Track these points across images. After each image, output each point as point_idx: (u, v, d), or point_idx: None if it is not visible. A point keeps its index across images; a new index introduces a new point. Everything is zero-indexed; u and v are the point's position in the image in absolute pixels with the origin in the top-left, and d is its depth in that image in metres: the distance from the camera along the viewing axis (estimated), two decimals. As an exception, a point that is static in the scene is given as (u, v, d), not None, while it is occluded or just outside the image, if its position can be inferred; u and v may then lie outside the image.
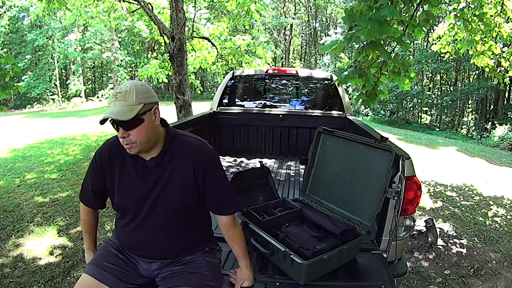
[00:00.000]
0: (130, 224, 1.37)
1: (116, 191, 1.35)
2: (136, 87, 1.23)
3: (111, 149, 1.36)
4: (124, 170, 1.33)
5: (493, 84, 9.98)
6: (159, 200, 1.31)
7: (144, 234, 1.35)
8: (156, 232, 1.34)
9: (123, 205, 1.36)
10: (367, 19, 2.04)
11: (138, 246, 1.38)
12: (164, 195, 1.31)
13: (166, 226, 1.34)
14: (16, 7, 17.91)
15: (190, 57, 7.02)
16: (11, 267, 2.77)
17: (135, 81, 1.28)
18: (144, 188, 1.31)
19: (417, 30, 2.49)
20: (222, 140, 4.14)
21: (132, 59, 21.88)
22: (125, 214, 1.37)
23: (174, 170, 1.31)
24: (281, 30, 28.87)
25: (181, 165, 1.32)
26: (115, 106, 1.20)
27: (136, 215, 1.34)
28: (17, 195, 4.49)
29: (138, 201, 1.32)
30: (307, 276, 1.52)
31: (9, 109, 20.65)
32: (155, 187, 1.31)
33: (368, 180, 1.85)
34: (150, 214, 1.33)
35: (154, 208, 1.32)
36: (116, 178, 1.34)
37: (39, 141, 8.40)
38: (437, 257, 3.09)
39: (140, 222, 1.34)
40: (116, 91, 1.23)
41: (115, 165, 1.34)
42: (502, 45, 4.74)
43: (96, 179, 1.39)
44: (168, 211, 1.33)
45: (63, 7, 6.85)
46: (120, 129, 1.21)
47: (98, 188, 1.40)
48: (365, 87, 2.51)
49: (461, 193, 5.11)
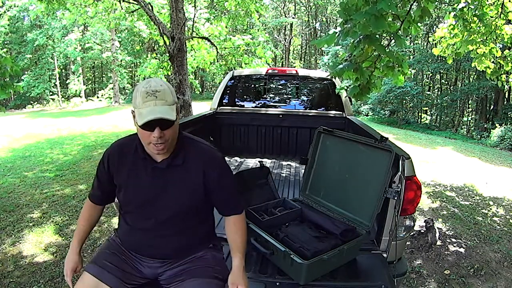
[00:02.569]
0: (136, 224, 1.37)
1: (124, 190, 1.35)
2: (169, 86, 1.24)
3: (121, 150, 1.36)
4: (134, 171, 1.33)
5: (493, 84, 9.96)
6: (167, 201, 1.32)
7: (151, 233, 1.35)
8: (163, 232, 1.35)
9: (131, 205, 1.37)
10: (364, 13, 2.04)
11: (145, 245, 1.38)
12: (172, 197, 1.32)
13: (173, 226, 1.35)
14: (16, 7, 17.90)
15: (190, 57, 7.02)
16: (11, 267, 2.77)
17: (159, 79, 1.25)
18: (153, 189, 1.32)
19: (413, 26, 2.49)
20: (222, 140, 4.14)
21: (132, 59, 21.87)
22: (132, 214, 1.38)
23: (184, 172, 1.32)
24: (281, 30, 28.87)
25: (191, 169, 1.33)
26: (156, 105, 1.17)
27: (143, 215, 1.35)
28: (17, 195, 4.49)
29: (146, 201, 1.33)
30: (307, 276, 1.52)
31: (9, 109, 20.67)
32: (164, 188, 1.32)
33: (368, 180, 1.85)
34: (157, 214, 1.33)
35: (161, 209, 1.33)
36: (125, 178, 1.34)
37: (39, 141, 8.41)
38: (437, 257, 3.09)
39: (147, 222, 1.34)
40: (151, 89, 1.19)
41: (125, 166, 1.34)
42: (502, 46, 4.73)
43: (105, 179, 1.39)
44: (176, 211, 1.34)
45: (62, 7, 6.85)
46: (157, 129, 1.18)
47: (107, 188, 1.41)
48: (359, 81, 2.52)
49: (461, 193, 5.11)
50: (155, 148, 1.23)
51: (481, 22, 3.79)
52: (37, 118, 14.12)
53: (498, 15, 3.92)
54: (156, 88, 1.19)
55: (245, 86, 4.40)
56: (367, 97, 2.66)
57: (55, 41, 21.37)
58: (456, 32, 4.24)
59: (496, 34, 4.09)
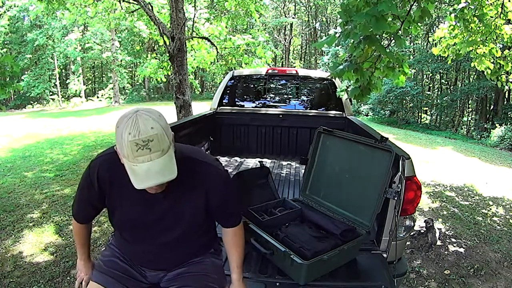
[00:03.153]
0: (134, 242, 1.31)
1: (118, 213, 1.24)
2: (160, 123, 0.99)
3: (110, 167, 1.17)
4: (127, 191, 1.13)
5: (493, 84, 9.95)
6: (168, 224, 1.24)
7: (151, 250, 1.30)
8: (164, 248, 1.29)
9: (126, 227, 1.29)
10: (364, 14, 2.05)
11: (145, 260, 1.34)
12: (173, 219, 1.24)
13: (175, 245, 1.30)
14: (16, 7, 17.90)
15: (190, 57, 7.02)
16: (11, 267, 2.77)
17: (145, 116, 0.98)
18: (151, 211, 1.22)
19: (413, 27, 2.49)
20: (222, 140, 4.14)
21: (132, 59, 21.88)
22: (128, 233, 1.31)
23: (185, 192, 1.21)
24: (281, 30, 28.87)
25: (192, 188, 1.22)
26: (151, 160, 0.95)
27: (141, 235, 1.27)
28: (17, 195, 4.49)
29: (144, 225, 1.24)
30: (307, 276, 1.52)
31: (9, 109, 20.67)
32: (163, 211, 1.22)
33: (368, 180, 1.85)
34: (157, 237, 1.26)
35: (162, 232, 1.26)
36: (118, 199, 1.21)
37: (39, 141, 8.40)
38: (437, 257, 3.10)
39: (145, 241, 1.28)
40: (141, 139, 0.94)
41: (116, 185, 1.19)
42: (502, 46, 4.73)
43: (95, 199, 1.24)
44: (177, 233, 1.26)
45: (62, 7, 6.85)
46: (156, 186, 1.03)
47: (93, 204, 1.27)
48: (359, 81, 2.52)
49: (460, 193, 5.11)
50: (149, 190, 1.09)
51: (481, 22, 3.79)
52: (37, 118, 14.12)
53: (498, 15, 3.92)
54: (148, 137, 0.94)
55: (245, 86, 4.41)
56: (367, 98, 2.66)
57: (55, 41, 21.36)
58: (456, 32, 4.24)
59: (496, 34, 4.09)
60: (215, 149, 4.08)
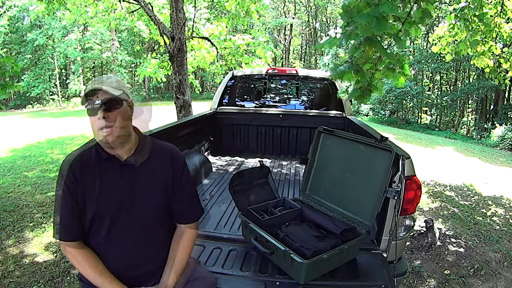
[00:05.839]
0: (110, 239, 1.24)
1: (96, 200, 1.22)
2: (115, 77, 1.26)
3: (80, 161, 1.24)
4: (101, 174, 1.23)
5: (493, 84, 9.96)
6: (142, 202, 1.26)
7: (128, 245, 1.25)
8: (139, 239, 1.26)
9: (102, 213, 1.22)
10: (365, 15, 2.05)
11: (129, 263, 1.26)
12: (146, 196, 1.26)
13: (146, 231, 1.27)
14: (16, 7, 17.91)
15: (190, 57, 7.02)
16: (11, 267, 2.77)
17: None
18: (125, 190, 1.24)
19: (413, 28, 2.49)
20: (222, 140, 4.14)
21: (132, 59, 21.88)
22: (105, 228, 1.23)
23: (152, 168, 1.29)
24: (281, 30, 28.87)
25: (159, 164, 1.31)
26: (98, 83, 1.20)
27: (119, 225, 1.24)
28: (17, 195, 4.49)
29: (121, 206, 1.23)
30: (307, 276, 1.52)
31: (9, 109, 20.67)
32: (136, 187, 1.25)
33: (368, 179, 1.85)
34: (134, 221, 1.25)
35: (137, 214, 1.25)
36: (95, 186, 1.22)
37: (39, 141, 8.41)
38: (437, 257, 3.09)
39: (121, 232, 1.24)
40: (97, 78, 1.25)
41: (90, 175, 1.22)
42: (502, 45, 4.74)
43: (75, 201, 1.22)
44: (152, 215, 1.28)
45: (62, 7, 6.85)
46: (100, 111, 1.16)
47: (80, 212, 1.22)
48: (360, 83, 2.51)
49: (460, 193, 5.11)
50: (102, 134, 1.16)
51: (481, 21, 3.80)
52: (37, 118, 14.12)
53: (497, 14, 3.93)
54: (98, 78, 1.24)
55: (245, 86, 4.41)
56: (368, 99, 2.65)
57: (55, 41, 21.38)
58: (456, 31, 4.25)
59: (496, 32, 4.10)
60: (215, 149, 4.08)
